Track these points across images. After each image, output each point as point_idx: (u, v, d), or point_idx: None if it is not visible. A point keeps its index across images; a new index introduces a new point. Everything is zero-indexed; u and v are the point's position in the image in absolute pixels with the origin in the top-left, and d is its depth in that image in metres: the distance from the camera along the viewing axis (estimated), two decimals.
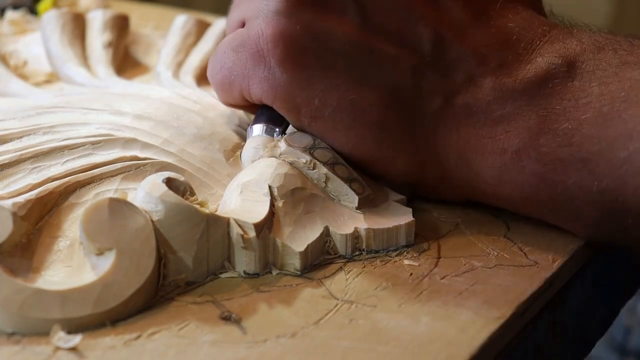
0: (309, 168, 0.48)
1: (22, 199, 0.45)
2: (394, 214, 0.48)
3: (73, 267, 0.43)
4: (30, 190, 0.46)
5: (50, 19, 0.65)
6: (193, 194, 0.45)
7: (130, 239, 0.42)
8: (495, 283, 0.45)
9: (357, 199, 0.48)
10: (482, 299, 0.43)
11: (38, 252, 0.44)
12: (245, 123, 0.54)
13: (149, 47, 0.71)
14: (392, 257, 0.47)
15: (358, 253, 0.47)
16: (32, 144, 0.50)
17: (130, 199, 0.44)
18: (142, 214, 0.43)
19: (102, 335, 0.40)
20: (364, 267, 0.46)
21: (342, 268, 0.46)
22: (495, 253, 0.47)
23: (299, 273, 0.45)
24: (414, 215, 0.48)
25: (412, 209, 0.49)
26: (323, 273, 0.45)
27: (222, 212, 0.45)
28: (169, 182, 0.44)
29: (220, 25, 0.67)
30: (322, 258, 0.46)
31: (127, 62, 0.67)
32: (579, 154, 0.46)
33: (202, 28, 0.67)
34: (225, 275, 0.45)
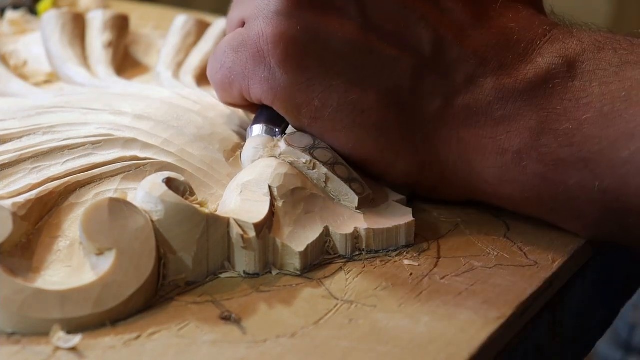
0: (309, 168, 0.48)
1: (22, 199, 0.45)
2: (394, 214, 0.48)
3: (73, 267, 0.43)
4: (30, 190, 0.46)
5: (50, 19, 0.65)
6: (193, 194, 0.45)
7: (130, 239, 0.42)
8: (495, 283, 0.45)
9: (357, 199, 0.48)
10: (482, 299, 0.43)
11: (38, 252, 0.44)
12: (245, 123, 0.54)
13: (149, 47, 0.71)
14: (392, 257, 0.47)
15: (358, 253, 0.47)
16: (32, 144, 0.50)
17: (130, 199, 0.44)
18: (142, 214, 0.43)
19: (102, 335, 0.40)
20: (364, 267, 0.46)
21: (342, 268, 0.46)
22: (495, 253, 0.47)
23: (299, 273, 0.45)
24: (414, 215, 0.48)
25: (412, 209, 0.49)
26: (323, 273, 0.45)
27: (222, 212, 0.45)
28: (169, 182, 0.44)
29: (220, 25, 0.67)
30: (322, 258, 0.46)
31: (127, 62, 0.67)
32: (580, 154, 0.45)
33: (202, 28, 0.67)
34: (225, 275, 0.45)
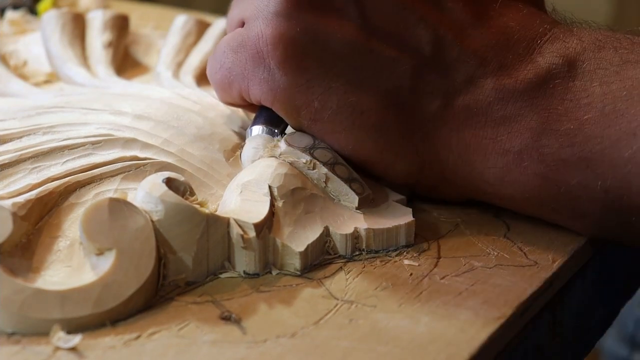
0: (309, 168, 0.48)
1: (22, 199, 0.45)
2: (394, 214, 0.48)
3: (73, 267, 0.43)
4: (30, 190, 0.46)
5: (50, 19, 0.65)
6: (193, 194, 0.45)
7: (130, 239, 0.42)
8: (495, 283, 0.45)
9: (357, 199, 0.48)
10: (482, 299, 0.43)
11: (38, 252, 0.44)
12: (246, 123, 0.54)
13: (149, 47, 0.71)
14: (392, 257, 0.47)
15: (358, 253, 0.47)
16: (32, 144, 0.50)
17: (130, 199, 0.44)
18: (142, 214, 0.43)
19: (102, 335, 0.40)
20: (364, 267, 0.46)
21: (342, 268, 0.46)
22: (495, 253, 0.47)
23: (299, 273, 0.45)
24: (414, 215, 0.48)
25: (412, 209, 0.49)
26: (323, 273, 0.45)
27: (222, 212, 0.45)
28: (169, 182, 0.44)
29: (220, 25, 0.67)
30: (322, 258, 0.46)
31: (127, 62, 0.67)
32: (582, 154, 0.45)
33: (202, 28, 0.67)
34: (225, 275, 0.45)
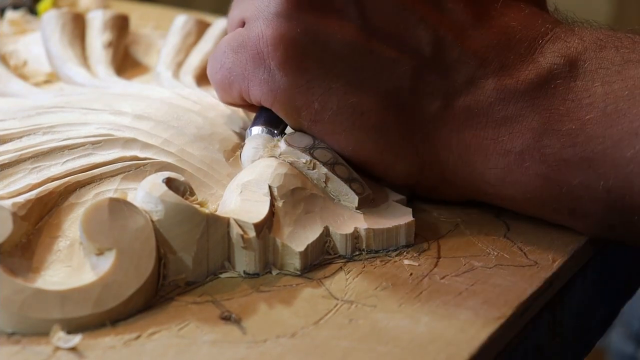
0: (309, 168, 0.48)
1: (22, 199, 0.45)
2: (394, 214, 0.48)
3: (73, 267, 0.43)
4: (30, 190, 0.46)
5: (50, 19, 0.65)
6: (193, 194, 0.45)
7: (130, 239, 0.42)
8: (495, 283, 0.45)
9: (357, 199, 0.48)
10: (481, 299, 0.43)
11: (38, 252, 0.44)
12: (246, 123, 0.54)
13: (149, 47, 0.71)
14: (392, 257, 0.47)
15: (358, 253, 0.47)
16: (32, 144, 0.50)
17: (130, 199, 0.44)
18: (142, 214, 0.43)
19: (102, 335, 0.40)
20: (364, 267, 0.46)
21: (342, 268, 0.46)
22: (495, 253, 0.47)
23: (299, 273, 0.45)
24: (414, 215, 0.48)
25: (412, 209, 0.49)
26: (323, 273, 0.45)
27: (222, 212, 0.45)
28: (169, 182, 0.44)
29: (220, 25, 0.67)
30: (322, 258, 0.46)
31: (127, 62, 0.67)
32: (584, 154, 0.45)
33: (202, 28, 0.67)
34: (225, 275, 0.45)
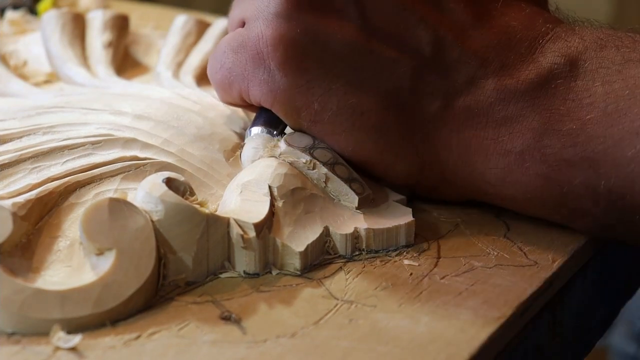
0: (309, 168, 0.48)
1: (22, 199, 0.45)
2: (394, 214, 0.48)
3: (73, 267, 0.43)
4: (30, 190, 0.46)
5: (50, 19, 0.65)
6: (193, 194, 0.45)
7: (130, 239, 0.42)
8: (495, 283, 0.45)
9: (357, 199, 0.48)
10: (481, 299, 0.43)
11: (38, 252, 0.44)
12: (246, 123, 0.54)
13: (149, 47, 0.71)
14: (392, 257, 0.47)
15: (358, 253, 0.47)
16: (32, 144, 0.50)
17: (130, 199, 0.44)
18: (142, 214, 0.43)
19: (102, 335, 0.40)
20: (364, 267, 0.46)
21: (342, 268, 0.46)
22: (495, 253, 0.47)
23: (299, 273, 0.45)
24: (414, 215, 0.48)
25: (412, 209, 0.49)
26: (323, 273, 0.45)
27: (222, 212, 0.45)
28: (169, 182, 0.44)
29: (220, 25, 0.67)
30: (322, 258, 0.46)
31: (127, 62, 0.67)
32: (585, 154, 0.45)
33: (202, 28, 0.67)
34: (225, 275, 0.45)
